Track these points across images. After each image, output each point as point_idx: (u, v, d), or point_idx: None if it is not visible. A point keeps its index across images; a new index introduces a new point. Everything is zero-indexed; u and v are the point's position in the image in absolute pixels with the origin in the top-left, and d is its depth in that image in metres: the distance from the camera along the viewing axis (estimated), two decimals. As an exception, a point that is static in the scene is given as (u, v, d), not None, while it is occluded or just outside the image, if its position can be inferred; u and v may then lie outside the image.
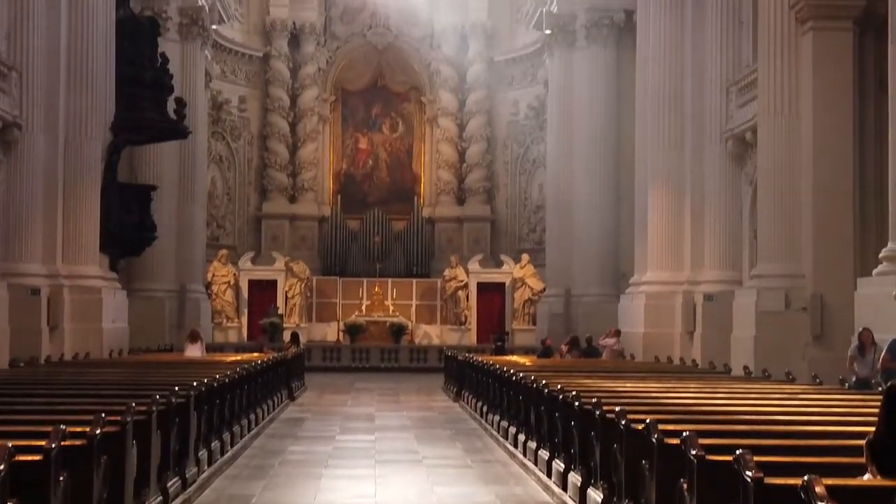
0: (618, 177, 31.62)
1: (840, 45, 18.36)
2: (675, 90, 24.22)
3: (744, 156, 22.30)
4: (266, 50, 39.27)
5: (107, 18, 23.33)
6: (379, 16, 39.91)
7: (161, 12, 30.43)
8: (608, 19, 32.24)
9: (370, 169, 40.52)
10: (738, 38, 22.38)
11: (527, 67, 38.65)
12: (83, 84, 22.43)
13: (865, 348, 14.43)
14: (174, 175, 31.15)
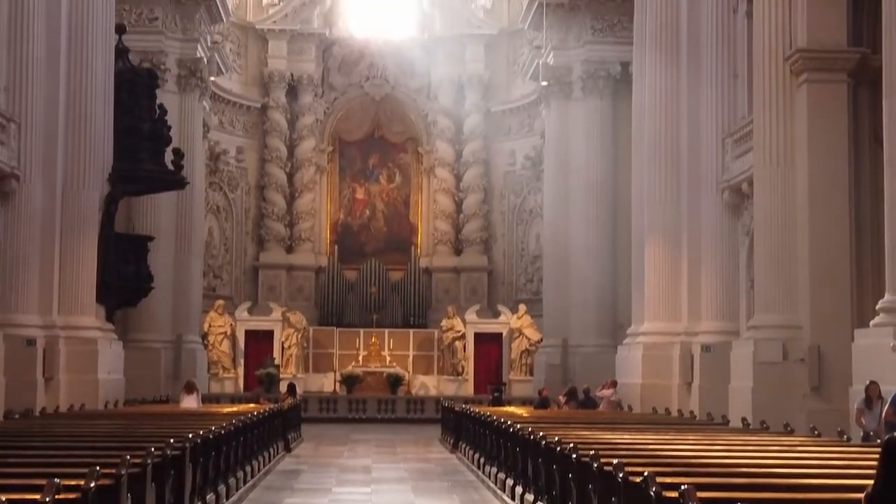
0: (615, 227, 31.69)
1: (835, 97, 18.47)
2: (671, 142, 24.32)
3: (740, 206, 22.34)
4: (264, 101, 39.47)
5: (106, 70, 23.46)
6: (376, 67, 40.17)
7: (160, 64, 30.64)
8: (604, 71, 32.49)
9: (367, 219, 40.58)
10: (734, 90, 22.50)
11: (523, 118, 38.84)
12: (81, 135, 22.51)
13: (873, 401, 14.35)
14: (171, 225, 31.19)
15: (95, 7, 22.90)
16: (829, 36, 18.48)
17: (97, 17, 22.97)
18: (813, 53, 18.42)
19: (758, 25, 19.34)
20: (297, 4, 39.68)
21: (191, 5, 31.89)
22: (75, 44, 22.50)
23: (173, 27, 31.69)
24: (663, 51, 24.55)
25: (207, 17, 32.84)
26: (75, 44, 22.50)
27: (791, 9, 18.75)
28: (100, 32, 23.08)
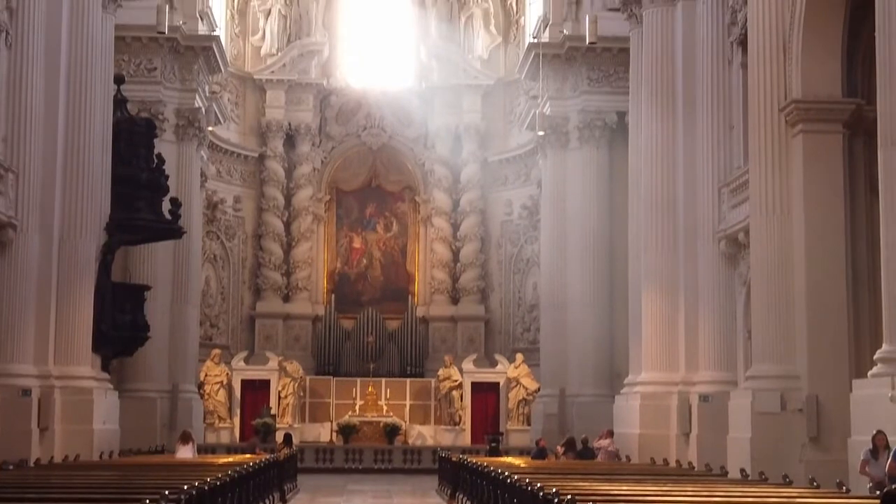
0: (612, 276, 31.70)
1: (830, 147, 18.55)
2: (668, 191, 24.39)
3: (737, 256, 22.37)
4: (261, 150, 39.60)
5: (104, 121, 23.56)
6: (373, 117, 40.36)
7: (158, 114, 30.77)
8: (600, 121, 32.65)
9: (364, 268, 40.58)
10: (729, 140, 22.60)
11: (520, 167, 38.98)
12: (79, 185, 22.56)
13: (880, 451, 14.26)
14: (168, 274, 31.18)
15: (94, 58, 23.04)
16: (823, 87, 18.59)
17: (96, 67, 23.10)
18: (808, 104, 18.52)
19: (753, 77, 19.46)
20: (295, 55, 39.93)
21: (189, 56, 32.10)
22: (74, 94, 22.61)
23: (172, 77, 31.87)
24: (659, 101, 24.68)
25: (206, 68, 33.03)
26: (74, 94, 22.61)
27: (786, 60, 18.89)
28: (98, 83, 23.21)
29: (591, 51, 32.28)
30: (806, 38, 18.52)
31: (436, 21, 40.71)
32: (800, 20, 18.54)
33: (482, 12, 40.49)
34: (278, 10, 40.21)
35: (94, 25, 23.13)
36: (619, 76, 31.54)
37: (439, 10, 40.74)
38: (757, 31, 19.36)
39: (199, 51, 32.35)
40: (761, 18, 19.26)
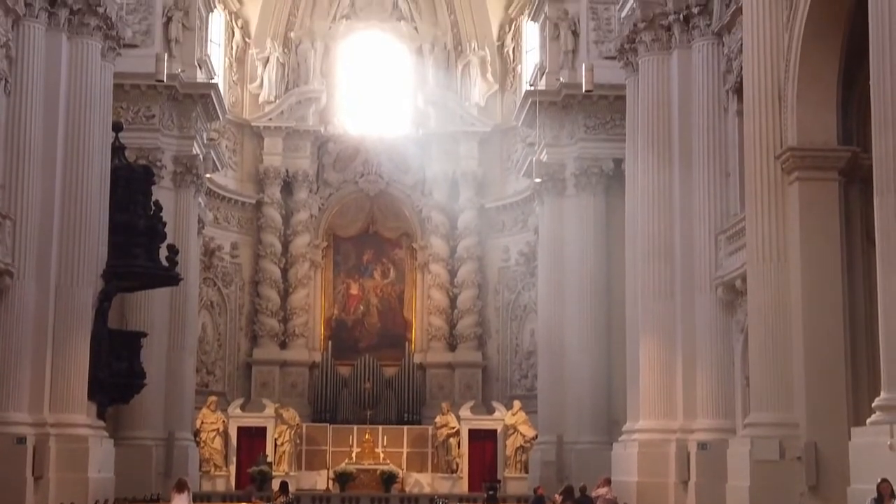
0: (609, 322, 31.63)
1: (826, 195, 18.60)
2: (665, 238, 24.40)
3: (734, 303, 22.35)
4: (259, 197, 39.66)
5: (102, 168, 23.64)
6: (371, 163, 40.46)
7: (156, 161, 30.84)
8: (597, 168, 32.74)
9: (361, 315, 40.50)
10: (725, 187, 22.67)
11: (517, 214, 39.04)
12: (76, 232, 22.59)
13: (884, 500, 14.15)
14: (165, 321, 31.12)
15: (93, 106, 23.17)
16: (819, 135, 18.66)
17: (95, 115, 23.22)
18: (804, 152, 18.58)
19: (748, 124, 19.55)
20: (293, 102, 40.12)
21: (188, 103, 32.24)
22: (72, 142, 22.70)
23: (170, 125, 31.99)
24: (655, 148, 24.77)
25: (204, 115, 33.17)
26: (72, 142, 22.70)
27: (781, 108, 18.98)
28: (97, 131, 23.32)
29: (587, 98, 32.44)
30: (801, 86, 18.63)
31: (433, 69, 40.94)
32: (795, 68, 18.66)
33: (479, 60, 40.73)
34: (276, 58, 40.45)
35: (93, 74, 23.28)
36: (616, 123, 31.67)
37: (436, 58, 40.99)
38: (752, 79, 19.47)
39: (198, 98, 32.50)
40: (756, 67, 19.38)
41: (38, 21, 21.98)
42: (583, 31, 33.25)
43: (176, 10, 32.28)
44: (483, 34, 41.14)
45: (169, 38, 32.19)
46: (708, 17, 23.12)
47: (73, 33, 23.03)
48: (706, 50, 23.34)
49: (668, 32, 24.23)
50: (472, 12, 41.14)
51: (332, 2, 41.60)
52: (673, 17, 23.91)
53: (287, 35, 41.04)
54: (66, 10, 22.62)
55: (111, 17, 23.83)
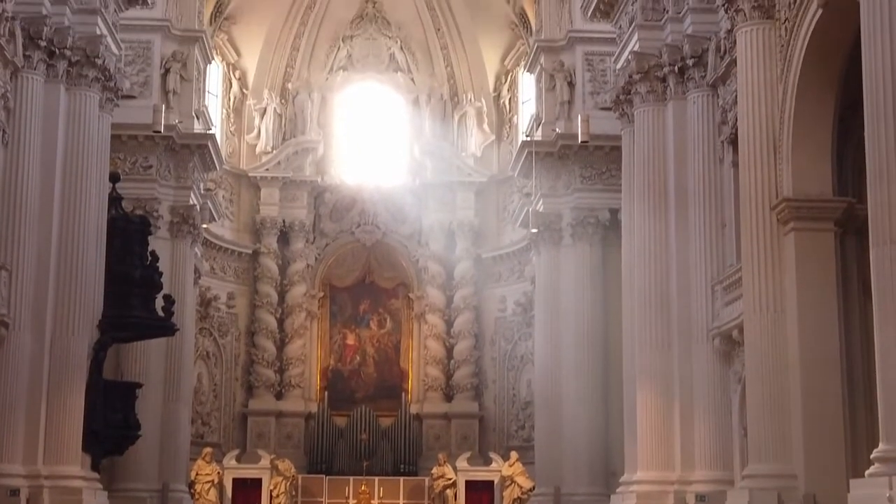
0: (606, 373, 31.57)
1: (822, 245, 18.61)
2: (661, 288, 24.37)
3: (731, 354, 22.30)
4: (255, 247, 39.71)
5: (99, 219, 23.64)
6: (367, 213, 40.58)
7: (153, 211, 30.88)
8: (593, 218, 32.80)
9: (358, 365, 40.42)
10: (722, 237, 22.68)
11: (514, 264, 39.08)
12: (72, 283, 22.54)
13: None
14: (160, 372, 31.02)
15: (90, 157, 23.21)
16: (814, 186, 18.72)
17: (92, 166, 23.26)
18: (799, 203, 18.62)
19: (744, 175, 19.60)
20: (290, 153, 40.30)
21: (185, 154, 32.34)
22: (69, 193, 22.72)
23: (167, 175, 32.07)
24: (651, 199, 24.80)
25: (201, 166, 33.27)
26: (69, 193, 22.72)
27: (776, 159, 19.05)
28: (94, 181, 23.35)
29: (583, 149, 32.58)
30: (796, 137, 18.71)
31: (429, 120, 41.18)
32: (789, 120, 18.76)
33: (475, 111, 40.98)
34: (273, 109, 40.68)
35: (90, 125, 23.35)
36: (612, 174, 31.79)
37: (433, 109, 41.23)
38: (747, 130, 19.56)
39: (195, 149, 32.61)
40: (751, 118, 19.47)
41: (36, 73, 22.08)
42: (578, 83, 33.46)
43: (174, 61, 32.48)
44: (479, 85, 41.44)
45: (167, 89, 32.37)
46: (702, 68, 23.27)
47: (72, 84, 23.12)
48: (701, 101, 23.46)
49: (664, 84, 24.36)
50: (469, 64, 41.46)
51: (329, 54, 41.93)
52: (668, 69, 24.05)
53: (284, 86, 41.32)
54: (65, 62, 22.73)
55: (109, 69, 23.95)
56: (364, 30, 41.95)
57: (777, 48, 19.26)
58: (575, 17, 33.27)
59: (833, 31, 17.87)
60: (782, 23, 19.12)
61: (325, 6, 41.25)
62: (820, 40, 18.13)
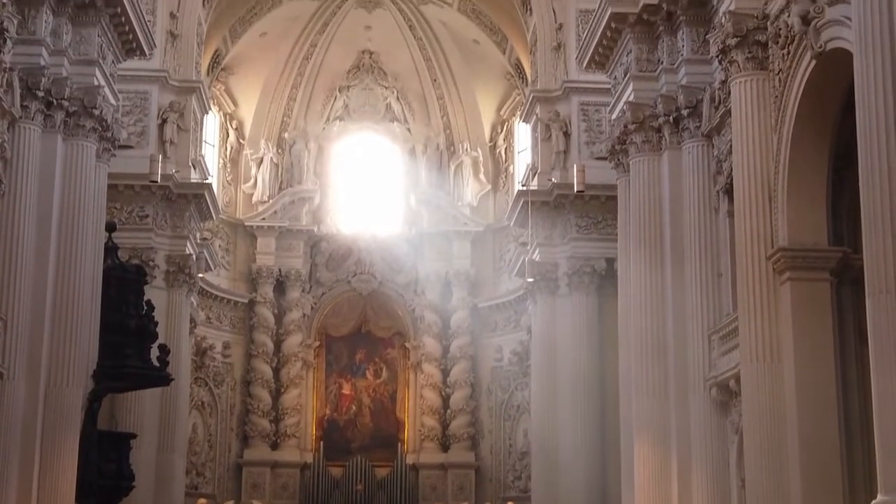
0: (603, 423, 31.43)
1: (818, 295, 18.61)
2: (658, 339, 24.30)
3: (728, 404, 22.21)
4: (251, 296, 39.68)
5: (94, 269, 23.62)
6: (364, 263, 40.63)
7: (149, 260, 30.86)
8: (589, 267, 32.79)
9: (353, 415, 40.27)
10: (718, 287, 22.66)
11: (510, 314, 39.05)
12: (67, 333, 22.47)
13: None
14: (155, 422, 30.84)
15: (87, 207, 23.22)
16: (809, 235, 18.75)
17: (88, 216, 23.26)
18: (794, 252, 18.64)
19: (739, 225, 19.65)
20: (286, 202, 40.41)
21: (181, 203, 32.37)
22: (65, 242, 22.70)
23: (163, 224, 32.08)
24: (647, 248, 24.80)
25: (198, 215, 33.30)
26: (65, 242, 22.70)
27: (771, 209, 19.10)
28: (90, 231, 23.35)
29: (579, 198, 32.66)
30: (790, 187, 18.78)
31: (426, 169, 41.38)
32: (784, 170, 18.83)
33: (471, 161, 41.16)
34: (270, 159, 40.86)
35: (87, 175, 23.38)
36: (608, 223, 31.84)
37: (429, 159, 41.43)
38: (742, 180, 19.63)
39: (192, 198, 32.65)
40: (746, 168, 19.55)
41: (34, 123, 22.14)
42: (574, 133, 33.61)
43: (171, 111, 32.60)
44: (475, 135, 41.66)
45: (164, 139, 32.46)
46: (697, 119, 23.37)
47: (69, 135, 23.17)
48: (696, 151, 23.53)
49: (658, 134, 24.45)
50: (465, 114, 41.72)
51: (326, 104, 42.20)
52: (663, 119, 24.15)
53: (281, 136, 41.53)
54: (63, 112, 22.81)
55: (107, 119, 24.04)
56: (361, 80, 42.23)
57: (771, 99, 19.38)
58: (570, 67, 33.49)
59: (826, 82, 17.99)
60: (776, 74, 19.25)
61: (322, 57, 41.54)
62: (814, 91, 18.24)
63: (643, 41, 24.66)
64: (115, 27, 24.28)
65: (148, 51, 26.58)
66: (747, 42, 19.60)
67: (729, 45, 19.81)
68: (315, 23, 40.71)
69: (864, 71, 15.00)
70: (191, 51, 33.50)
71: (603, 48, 25.92)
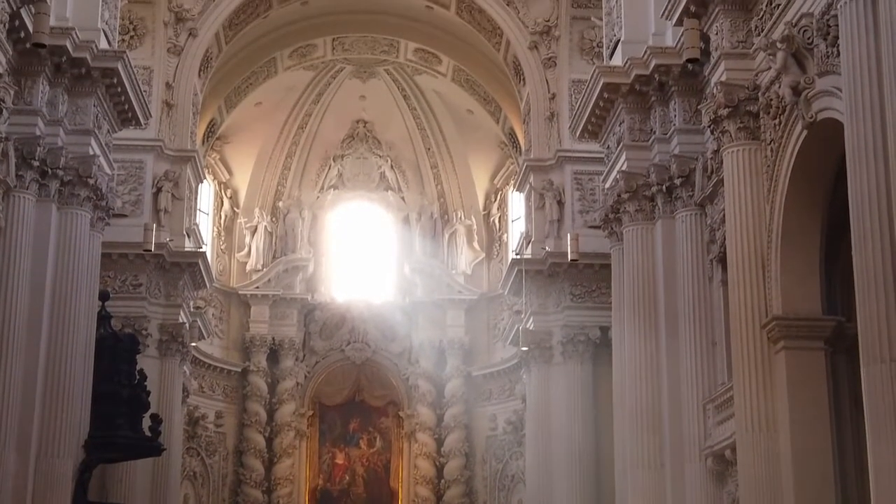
0: (598, 493, 31.14)
1: (813, 364, 18.57)
2: (653, 408, 24.19)
3: (724, 474, 22.06)
4: (245, 365, 39.52)
5: (87, 338, 23.53)
6: (358, 331, 40.55)
7: (142, 329, 30.73)
8: (584, 336, 32.69)
9: (347, 485, 39.92)
10: (712, 356, 22.62)
11: (504, 382, 38.90)
12: (59, 402, 22.33)
13: None
14: (146, 492, 30.52)
15: (80, 276, 23.20)
16: (803, 304, 18.76)
17: (81, 285, 23.23)
18: (789, 321, 18.64)
19: (733, 294, 19.66)
20: (280, 270, 40.40)
21: (175, 272, 32.31)
22: (58, 312, 22.65)
23: (157, 293, 31.99)
24: (641, 317, 24.79)
25: (191, 284, 33.25)
26: (58, 312, 22.65)
27: (765, 278, 19.13)
28: (83, 300, 23.30)
29: (573, 267, 32.65)
30: (784, 256, 18.83)
31: (420, 237, 41.45)
32: (777, 239, 18.89)
33: (465, 229, 41.26)
34: (264, 227, 40.94)
35: (81, 244, 23.39)
36: (602, 292, 31.81)
37: (423, 227, 41.52)
38: (735, 249, 19.67)
39: (185, 267, 32.61)
40: (739, 237, 19.60)
41: (28, 192, 22.18)
42: (567, 201, 33.69)
43: (166, 180, 32.66)
44: (469, 204, 41.82)
45: (158, 207, 32.48)
46: (690, 188, 23.49)
47: (63, 204, 23.22)
48: (689, 220, 23.61)
49: (652, 203, 24.55)
50: (459, 182, 41.92)
51: (321, 172, 42.41)
52: (656, 188, 24.26)
53: (275, 204, 41.65)
54: (57, 182, 22.87)
55: (101, 189, 24.10)
56: (355, 149, 42.48)
57: (763, 168, 19.50)
58: (563, 136, 33.69)
59: (818, 151, 18.12)
60: (768, 143, 19.39)
61: (317, 126, 41.81)
62: (805, 161, 18.37)
63: (636, 111, 24.86)
64: (111, 97, 24.44)
65: (144, 121, 26.74)
66: (739, 112, 19.76)
67: (721, 115, 19.96)
68: (310, 92, 41.03)
69: (855, 141, 15.14)
70: (186, 120, 33.65)
71: (596, 118, 26.12)
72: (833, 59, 16.74)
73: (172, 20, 33.14)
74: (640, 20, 25.04)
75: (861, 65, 15.25)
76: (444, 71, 39.33)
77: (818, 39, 17.23)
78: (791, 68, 17.96)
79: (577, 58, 33.99)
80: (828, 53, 16.97)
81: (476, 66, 38.14)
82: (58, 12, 22.69)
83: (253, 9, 34.75)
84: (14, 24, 20.75)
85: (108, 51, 24.26)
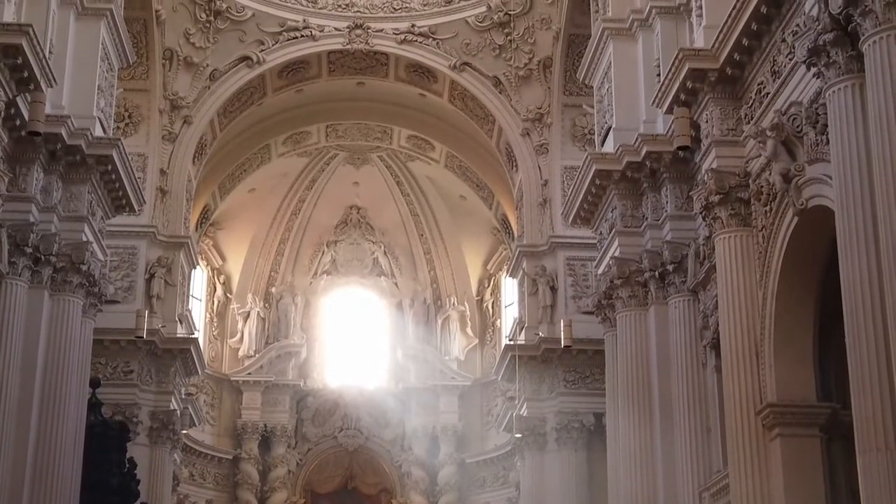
0: (594, 583, 30.79)
1: (808, 451, 18.44)
2: (648, 494, 23.93)
3: (721, 563, 21.81)
4: (236, 452, 39.19)
5: (77, 426, 23.30)
6: (350, 418, 40.34)
7: (132, 416, 30.48)
8: (578, 422, 32.49)
9: (339, 575, 39.40)
10: (707, 443, 22.44)
11: (498, 470, 38.57)
12: (48, 491, 22.04)
13: None
14: (135, 584, 30.04)
15: (71, 363, 23.06)
16: (798, 391, 18.67)
17: (72, 373, 23.08)
18: (783, 408, 18.54)
19: (727, 381, 19.58)
20: (272, 356, 40.26)
21: (167, 359, 32.15)
22: (48, 398, 22.47)
23: (148, 380, 31.79)
24: (636, 403, 24.64)
25: (183, 370, 33.07)
26: (48, 398, 22.47)
27: (759, 364, 19.07)
28: (74, 387, 23.13)
29: (566, 353, 32.54)
30: (777, 342, 18.79)
31: (413, 323, 41.41)
32: (770, 325, 18.87)
33: (459, 315, 41.23)
34: (257, 313, 40.87)
35: (73, 330, 23.28)
36: (596, 377, 31.67)
37: (416, 313, 41.49)
38: (728, 335, 19.64)
39: (177, 353, 32.46)
40: (732, 323, 19.58)
41: (20, 279, 22.13)
42: (560, 287, 33.70)
43: (159, 266, 32.63)
44: (462, 289, 41.83)
45: (151, 293, 32.40)
46: (683, 274, 23.50)
47: (56, 290, 23.16)
48: (682, 306, 23.58)
49: (645, 289, 24.55)
50: (452, 268, 41.99)
51: (314, 258, 42.48)
52: (648, 275, 24.27)
53: (268, 290, 41.64)
54: (50, 269, 22.84)
55: (94, 275, 24.07)
56: (348, 235, 42.62)
57: (755, 255, 19.54)
58: (556, 223, 33.81)
59: (809, 238, 18.19)
60: (759, 230, 19.46)
61: (310, 212, 41.98)
62: (797, 247, 18.42)
63: (627, 197, 24.96)
64: (105, 184, 24.51)
65: (137, 207, 26.80)
66: (730, 199, 19.87)
67: (712, 201, 20.07)
68: (304, 179, 41.26)
69: (846, 228, 15.20)
70: (180, 206, 33.74)
71: (588, 204, 26.22)
72: (822, 147, 16.87)
73: (167, 108, 33.39)
74: (631, 108, 25.27)
75: (850, 152, 15.36)
76: (437, 157, 39.63)
77: (807, 127, 17.38)
78: (781, 156, 18.08)
79: (569, 144, 34.25)
80: (817, 141, 17.11)
81: (469, 153, 38.43)
82: (54, 100, 22.84)
83: (248, 96, 35.07)
84: (10, 112, 20.88)
85: (103, 138, 24.38)
